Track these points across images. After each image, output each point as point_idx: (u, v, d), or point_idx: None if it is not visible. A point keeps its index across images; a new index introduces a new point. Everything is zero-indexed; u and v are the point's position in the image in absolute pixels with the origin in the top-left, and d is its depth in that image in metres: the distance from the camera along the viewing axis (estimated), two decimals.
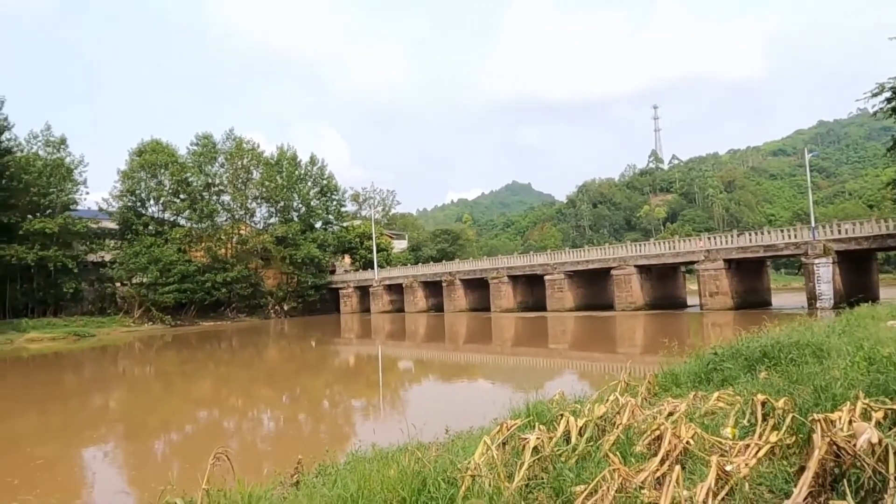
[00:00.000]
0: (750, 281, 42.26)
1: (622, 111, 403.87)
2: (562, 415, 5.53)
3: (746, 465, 4.15)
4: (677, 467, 3.88)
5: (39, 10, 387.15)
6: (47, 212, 52.45)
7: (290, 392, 21.04)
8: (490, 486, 4.02)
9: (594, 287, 50.01)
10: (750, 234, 41.42)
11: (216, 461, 4.36)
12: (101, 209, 60.64)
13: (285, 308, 67.93)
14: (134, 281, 57.39)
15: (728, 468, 4.03)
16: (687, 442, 4.55)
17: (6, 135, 51.88)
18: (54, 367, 32.27)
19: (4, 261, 48.73)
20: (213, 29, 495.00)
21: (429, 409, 14.38)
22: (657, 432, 4.80)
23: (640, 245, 47.72)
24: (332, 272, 74.80)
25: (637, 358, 21.96)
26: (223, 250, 64.24)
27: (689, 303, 48.89)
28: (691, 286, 53.81)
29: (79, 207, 56.59)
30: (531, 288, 53.42)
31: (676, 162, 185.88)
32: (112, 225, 60.64)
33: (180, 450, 13.23)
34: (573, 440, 5.01)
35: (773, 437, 4.55)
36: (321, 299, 70.70)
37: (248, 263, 64.41)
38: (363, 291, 69.31)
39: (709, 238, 43.31)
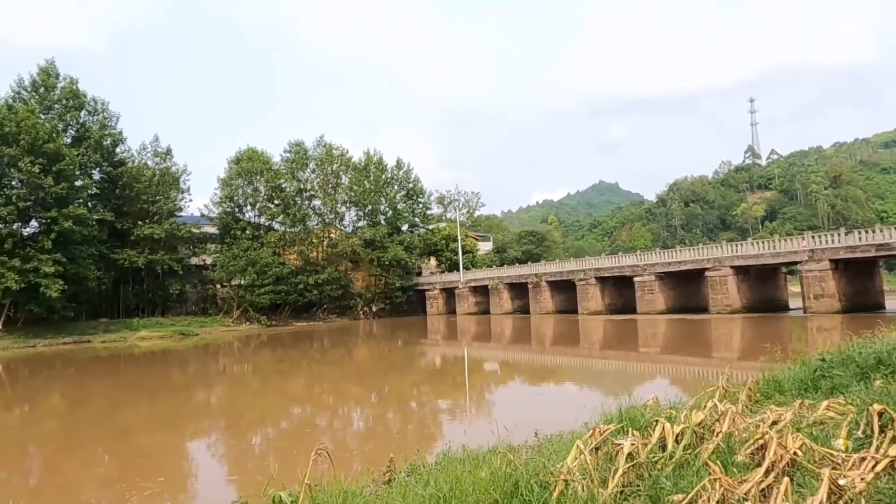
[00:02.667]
0: (860, 282, 39.44)
1: (715, 105, 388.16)
2: (656, 421, 5.36)
3: (862, 479, 3.88)
4: (785, 479, 3.68)
5: (141, 17, 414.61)
6: (155, 218, 55.98)
7: (378, 391, 21.49)
8: (584, 491, 3.95)
9: (687, 289, 48.15)
10: (859, 233, 38.63)
11: (317, 457, 4.51)
12: (202, 215, 64.48)
13: (373, 309, 69.42)
14: (233, 283, 60.30)
15: (841, 482, 3.78)
16: (794, 453, 4.30)
17: (120, 147, 56.09)
18: (162, 363, 34.43)
19: (118, 264, 52.54)
20: (302, 40, 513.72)
21: (516, 412, 14.30)
22: (761, 441, 4.57)
23: (736, 245, 45.52)
24: (419, 274, 75.80)
25: (735, 363, 20.93)
26: (314, 253, 66.45)
27: (790, 306, 46.21)
28: (793, 288, 50.81)
29: (183, 213, 60.15)
30: (620, 290, 52.09)
31: (775, 157, 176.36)
32: (213, 230, 64.10)
33: (276, 444, 13.78)
34: (669, 447, 4.84)
35: (893, 451, 4.23)
36: (408, 301, 71.80)
37: (338, 266, 66.29)
38: (449, 293, 69.84)
39: (813, 237, 40.73)
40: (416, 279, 73.51)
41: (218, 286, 62.06)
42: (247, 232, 62.41)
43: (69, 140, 50.94)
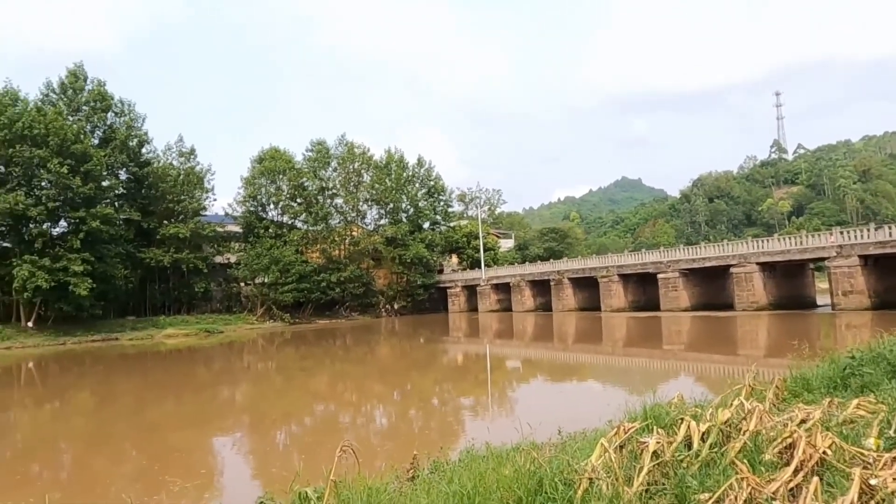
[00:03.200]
0: (890, 279, 38.58)
1: (739, 99, 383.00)
2: (681, 419, 5.31)
3: (895, 479, 3.81)
4: (815, 478, 3.63)
5: (161, 27, 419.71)
6: (180, 217, 56.70)
7: (401, 388, 21.56)
8: (608, 489, 3.93)
9: (711, 286, 47.60)
10: (890, 228, 37.80)
11: (342, 453, 4.55)
12: (226, 214, 65.24)
13: (395, 307, 69.67)
14: (256, 281, 60.88)
15: (873, 482, 3.71)
16: (824, 452, 4.24)
17: (146, 148, 56.90)
18: (188, 360, 34.88)
19: (145, 263, 53.35)
20: (324, 40, 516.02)
21: (539, 409, 14.25)
22: (789, 440, 4.50)
23: (762, 241, 44.84)
24: (440, 271, 75.86)
25: (761, 361, 20.66)
26: (337, 251, 66.82)
27: (818, 302, 45.43)
28: (821, 285, 50.00)
29: (207, 213, 60.85)
30: (643, 287, 51.65)
31: (802, 152, 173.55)
32: (236, 228, 64.79)
33: (300, 441, 13.89)
34: (695, 446, 4.79)
35: None
36: (430, 298, 71.89)
37: (360, 264, 66.62)
38: (471, 290, 69.80)
39: (841, 232, 39.99)
40: (438, 277, 73.59)
41: (242, 284, 62.68)
42: (270, 230, 62.91)
43: (96, 141, 51.78)
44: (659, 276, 48.09)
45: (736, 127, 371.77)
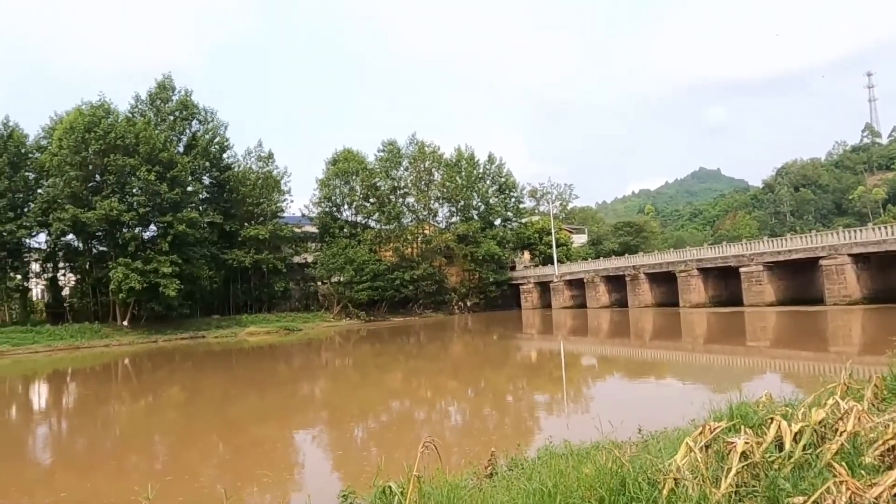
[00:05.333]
0: None
1: (825, 82, 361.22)
2: (771, 418, 5.09)
3: None
4: None
5: (242, 30, 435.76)
6: (260, 219, 58.93)
7: (474, 385, 21.61)
8: (695, 490, 3.81)
9: (798, 279, 45.27)
10: None
11: (424, 449, 4.61)
12: (303, 215, 67.32)
13: (468, 304, 69.86)
14: (332, 280, 62.46)
15: None
16: None
17: (227, 153, 59.36)
18: (269, 357, 36.17)
19: (228, 264, 55.70)
20: (395, 41, 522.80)
21: (616, 407, 13.95)
22: (892, 443, 4.24)
23: (854, 231, 42.27)
24: (513, 268, 75.54)
25: (856, 358, 19.43)
26: (409, 250, 67.69)
27: None
28: None
29: (285, 214, 62.90)
30: (724, 281, 49.71)
31: None
32: (313, 229, 66.77)
33: (377, 436, 14.16)
34: (787, 447, 4.58)
35: None
36: (502, 295, 71.70)
37: (432, 261, 67.18)
38: (543, 287, 69.16)
39: None
40: (510, 273, 73.30)
41: (319, 283, 64.47)
42: (344, 230, 64.49)
43: (181, 148, 54.50)
44: (741, 269, 46.18)
45: (822, 111, 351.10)
